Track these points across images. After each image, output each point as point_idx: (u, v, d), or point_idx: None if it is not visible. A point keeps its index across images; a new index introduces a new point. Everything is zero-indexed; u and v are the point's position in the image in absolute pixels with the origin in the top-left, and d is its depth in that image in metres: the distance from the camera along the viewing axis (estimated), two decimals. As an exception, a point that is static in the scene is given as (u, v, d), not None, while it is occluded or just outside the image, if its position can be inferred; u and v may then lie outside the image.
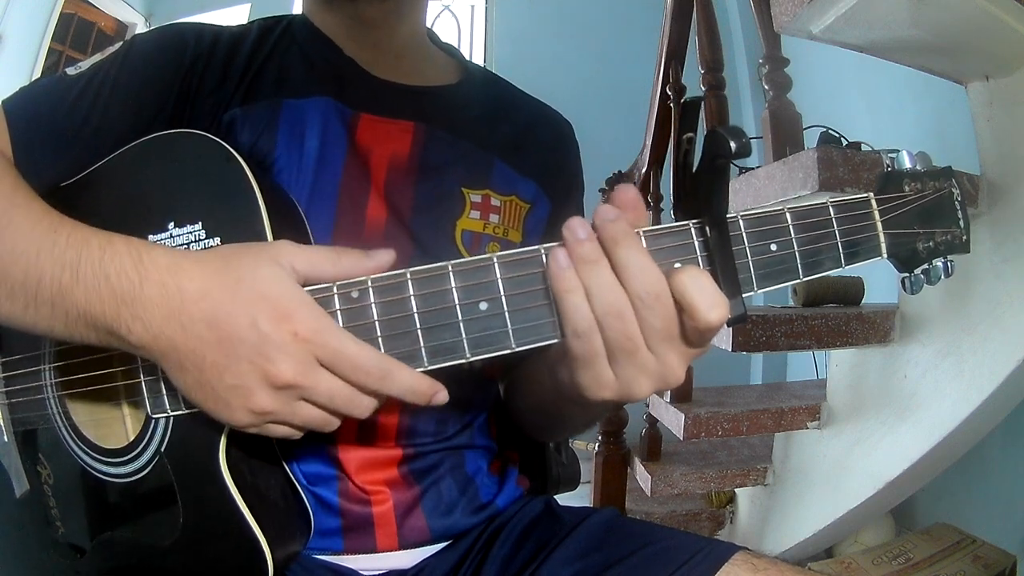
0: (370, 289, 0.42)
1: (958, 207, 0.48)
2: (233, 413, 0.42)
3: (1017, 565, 1.42)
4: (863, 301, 1.61)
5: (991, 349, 1.18)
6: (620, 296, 0.39)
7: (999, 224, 1.18)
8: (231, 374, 0.41)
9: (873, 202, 0.46)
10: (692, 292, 0.39)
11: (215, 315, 0.40)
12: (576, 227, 0.40)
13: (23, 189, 0.49)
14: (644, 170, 1.93)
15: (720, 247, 0.42)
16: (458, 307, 0.42)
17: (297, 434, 0.45)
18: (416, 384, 0.42)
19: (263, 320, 0.40)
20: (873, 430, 1.42)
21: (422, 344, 0.42)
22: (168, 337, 0.41)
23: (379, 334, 0.42)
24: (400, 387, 0.42)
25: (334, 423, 0.44)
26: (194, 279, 0.41)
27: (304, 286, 0.43)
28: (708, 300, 0.39)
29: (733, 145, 0.39)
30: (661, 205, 1.92)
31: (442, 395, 0.43)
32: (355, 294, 0.42)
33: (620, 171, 2.07)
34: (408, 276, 0.42)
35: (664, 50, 1.82)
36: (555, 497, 0.72)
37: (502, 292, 0.42)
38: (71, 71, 0.59)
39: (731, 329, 1.32)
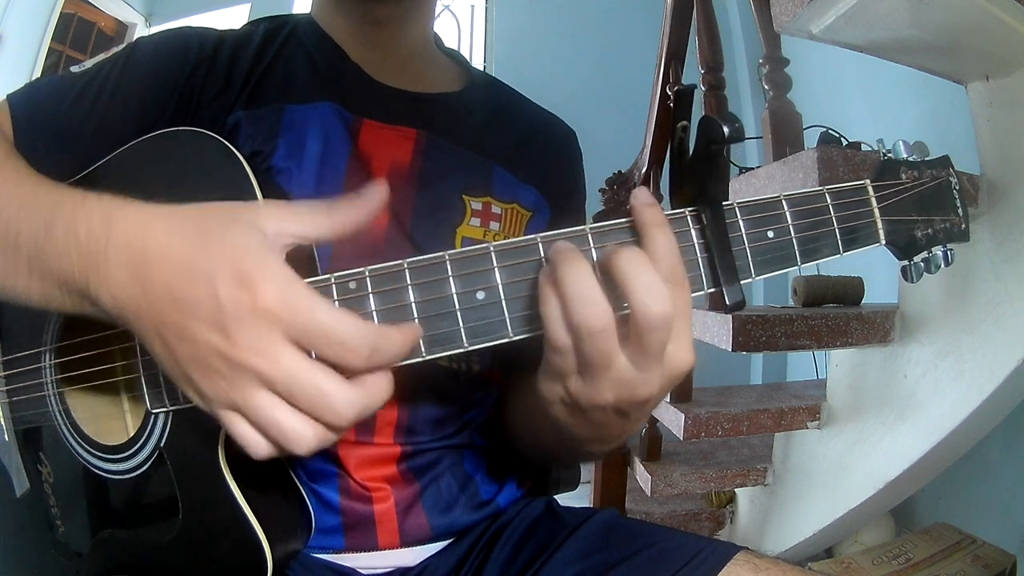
0: (367, 280, 0.42)
1: (956, 195, 0.48)
2: (193, 389, 0.38)
3: (1017, 565, 1.42)
4: (863, 301, 1.61)
5: (991, 349, 1.18)
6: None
7: (999, 224, 1.18)
8: (189, 344, 0.37)
9: (870, 189, 0.46)
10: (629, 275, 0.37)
11: (175, 277, 0.37)
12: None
13: (15, 156, 0.49)
14: (644, 170, 1.93)
15: (716, 233, 0.42)
16: (455, 297, 0.41)
17: (262, 445, 0.38)
18: (408, 342, 0.38)
19: (222, 286, 0.36)
20: (873, 430, 1.42)
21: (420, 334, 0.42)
22: (133, 302, 0.38)
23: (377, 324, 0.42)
24: (393, 355, 0.37)
25: (301, 437, 0.36)
26: (160, 238, 0.38)
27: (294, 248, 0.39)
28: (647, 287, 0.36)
29: (726, 130, 0.40)
30: (661, 205, 1.92)
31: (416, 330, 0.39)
32: (352, 285, 0.42)
33: (620, 171, 2.07)
34: (405, 266, 0.42)
35: (664, 50, 1.82)
36: (555, 497, 0.72)
37: (499, 281, 0.42)
38: (75, 69, 0.60)
39: (731, 329, 1.32)
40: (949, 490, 1.71)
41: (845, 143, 1.43)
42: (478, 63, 3.44)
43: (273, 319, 0.35)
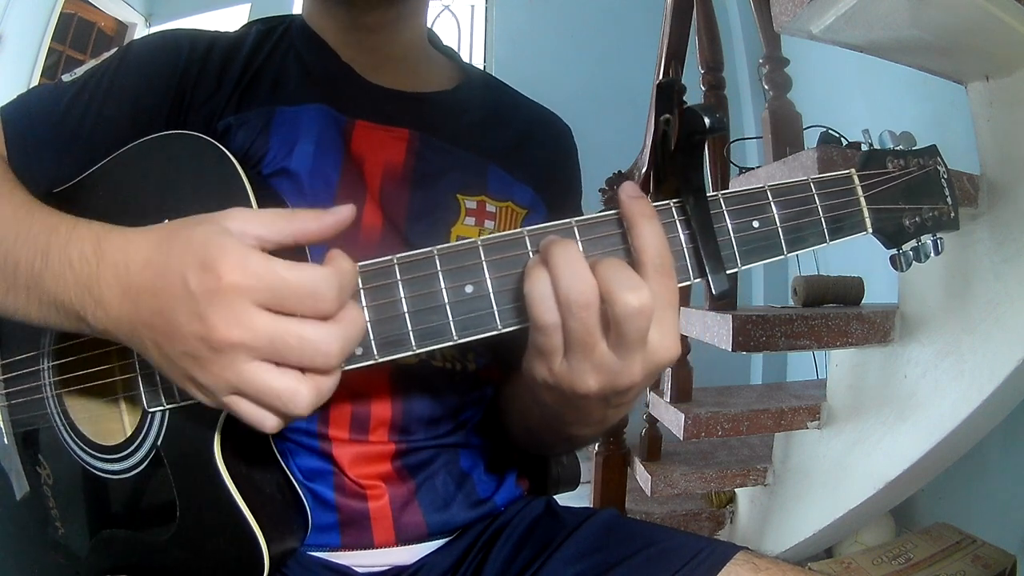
0: (358, 276, 0.42)
1: (944, 184, 0.48)
2: (195, 386, 0.40)
3: (1017, 565, 1.42)
4: (863, 301, 1.61)
5: (991, 349, 1.18)
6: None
7: (999, 224, 1.18)
8: (178, 341, 0.38)
9: (855, 178, 0.47)
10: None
11: (155, 282, 0.38)
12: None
13: (8, 180, 0.50)
14: (644, 170, 1.93)
15: (700, 220, 0.43)
16: (444, 291, 0.42)
17: (267, 417, 0.39)
18: (351, 271, 0.39)
19: (191, 276, 0.37)
20: (873, 430, 1.42)
21: (410, 328, 0.42)
22: (126, 318, 0.40)
23: (368, 319, 0.42)
24: (354, 283, 0.39)
25: (297, 394, 0.37)
26: (140, 251, 0.40)
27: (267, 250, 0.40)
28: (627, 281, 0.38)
29: (708, 121, 0.41)
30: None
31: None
32: None
33: (620, 171, 2.06)
34: (395, 262, 0.42)
35: (664, 50, 1.82)
36: (555, 497, 0.72)
37: (487, 275, 0.42)
38: (67, 77, 0.60)
39: (731, 329, 1.32)
40: (949, 490, 1.71)
41: (845, 143, 1.42)
42: (478, 63, 3.44)
43: (240, 291, 0.36)
